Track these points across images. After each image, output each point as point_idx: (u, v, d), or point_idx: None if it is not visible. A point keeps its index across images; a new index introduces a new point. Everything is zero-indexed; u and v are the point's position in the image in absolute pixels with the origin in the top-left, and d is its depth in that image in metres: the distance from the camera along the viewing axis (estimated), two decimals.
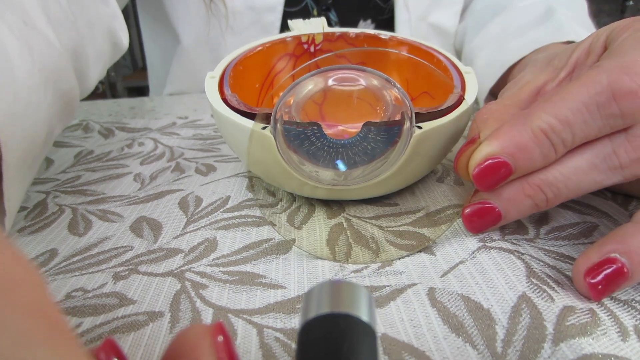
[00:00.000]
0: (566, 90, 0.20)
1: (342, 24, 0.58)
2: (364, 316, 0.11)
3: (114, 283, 0.21)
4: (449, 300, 0.19)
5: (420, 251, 0.22)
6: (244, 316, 0.19)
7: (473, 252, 0.22)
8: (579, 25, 0.41)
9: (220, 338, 0.10)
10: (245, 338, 0.18)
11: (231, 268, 0.22)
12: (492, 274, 0.20)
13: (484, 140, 0.21)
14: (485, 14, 0.52)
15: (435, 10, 0.59)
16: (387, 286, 0.20)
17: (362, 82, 0.24)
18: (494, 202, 0.21)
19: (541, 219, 0.25)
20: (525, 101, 0.24)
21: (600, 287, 0.18)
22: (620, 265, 0.17)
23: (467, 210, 0.22)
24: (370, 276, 0.21)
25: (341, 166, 0.24)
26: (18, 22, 0.25)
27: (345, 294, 0.11)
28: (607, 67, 0.19)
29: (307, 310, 0.11)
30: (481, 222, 0.22)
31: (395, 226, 0.25)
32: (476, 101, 0.36)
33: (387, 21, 0.60)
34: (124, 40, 0.39)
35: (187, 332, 0.11)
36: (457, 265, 0.21)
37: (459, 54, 0.61)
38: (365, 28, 0.59)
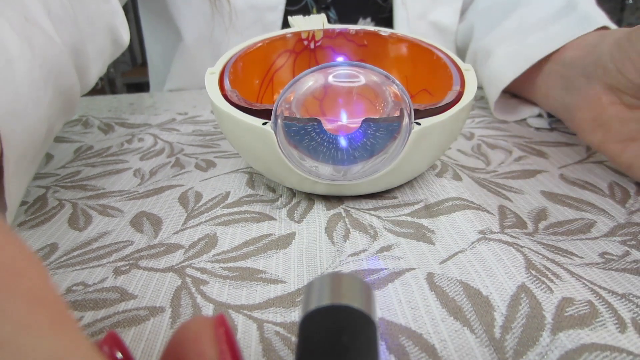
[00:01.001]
0: None
1: (342, 22, 0.58)
2: (364, 308, 0.11)
3: (115, 278, 0.21)
4: (447, 285, 0.19)
5: (419, 241, 0.23)
6: (244, 311, 0.19)
7: (472, 243, 0.22)
8: (601, 16, 0.39)
9: (222, 330, 0.11)
10: (245, 333, 0.18)
11: (231, 264, 0.22)
12: (492, 263, 0.20)
13: None
14: (496, 11, 0.50)
15: (434, 8, 0.59)
16: (385, 269, 0.20)
17: (362, 78, 0.24)
18: None
19: (539, 214, 0.25)
20: None
21: None
22: None
23: None
24: (368, 259, 0.21)
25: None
26: (19, 18, 0.25)
27: (345, 286, 0.11)
28: None
29: (307, 303, 0.11)
30: None
31: (393, 216, 0.25)
32: (475, 98, 0.36)
33: (386, 20, 0.60)
34: (125, 37, 0.39)
35: (189, 323, 0.11)
36: (456, 254, 0.21)
37: (460, 52, 0.61)
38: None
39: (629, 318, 0.17)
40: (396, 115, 0.24)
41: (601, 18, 0.38)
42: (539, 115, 0.42)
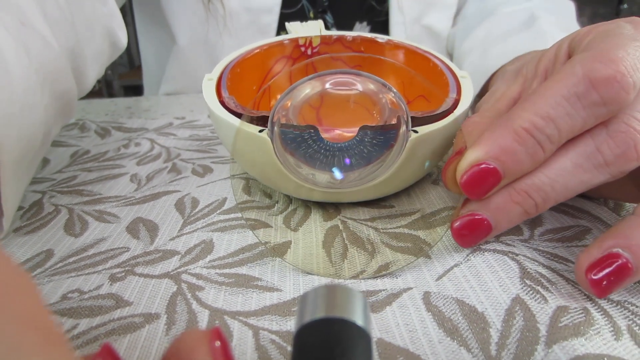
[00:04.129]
0: (543, 87, 0.20)
1: (338, 26, 0.59)
2: (359, 320, 0.11)
3: (110, 284, 0.21)
4: (444, 305, 0.19)
5: (416, 255, 0.23)
6: (240, 318, 0.19)
7: (467, 255, 0.22)
8: (563, 31, 0.40)
9: (218, 343, 0.11)
10: (241, 340, 0.18)
11: (227, 270, 0.22)
12: (486, 277, 0.20)
13: (469, 148, 0.20)
14: (473, 19, 0.52)
15: (429, 13, 0.60)
16: (383, 290, 0.20)
17: (359, 86, 0.24)
18: (483, 213, 0.21)
19: (535, 221, 0.25)
20: (505, 111, 0.24)
21: (604, 283, 0.17)
22: (623, 260, 0.17)
23: (456, 224, 0.22)
24: (366, 280, 0.21)
25: (337, 174, 0.24)
26: (14, 22, 0.25)
27: (340, 298, 0.11)
28: (580, 59, 0.19)
29: (302, 314, 0.11)
30: (472, 236, 0.21)
31: (391, 228, 0.25)
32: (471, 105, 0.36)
33: (382, 23, 0.60)
34: (123, 39, 0.39)
35: (184, 337, 0.11)
36: (451, 268, 0.21)
37: (451, 57, 0.61)
38: (361, 30, 0.60)
39: (624, 325, 0.17)
40: (393, 123, 0.24)
41: (551, 39, 0.38)
42: None
